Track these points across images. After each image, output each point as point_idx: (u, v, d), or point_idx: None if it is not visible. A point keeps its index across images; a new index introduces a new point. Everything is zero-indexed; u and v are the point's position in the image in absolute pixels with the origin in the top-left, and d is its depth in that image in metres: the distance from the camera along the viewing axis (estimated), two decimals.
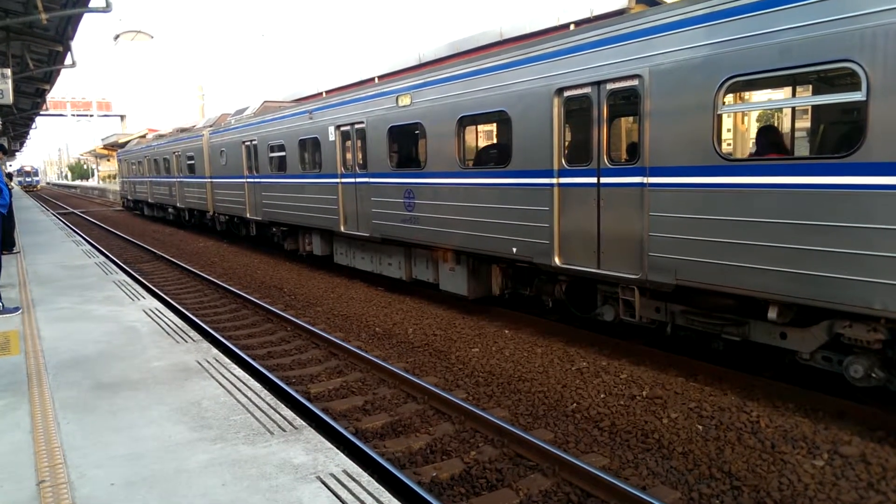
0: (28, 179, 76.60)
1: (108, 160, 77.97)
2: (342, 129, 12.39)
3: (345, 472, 3.69)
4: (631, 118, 9.05)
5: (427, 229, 10.13)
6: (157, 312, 7.91)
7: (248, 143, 17.03)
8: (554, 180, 7.78)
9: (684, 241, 6.37)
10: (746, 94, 7.91)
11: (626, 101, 7.67)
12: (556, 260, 7.87)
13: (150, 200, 29.89)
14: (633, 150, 7.38)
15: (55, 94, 51.23)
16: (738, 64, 5.77)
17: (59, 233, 18.67)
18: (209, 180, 20.65)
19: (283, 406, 4.79)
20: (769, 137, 6.99)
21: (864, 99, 5.01)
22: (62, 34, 14.81)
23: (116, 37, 22.86)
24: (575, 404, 6.48)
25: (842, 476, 4.89)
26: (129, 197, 36.03)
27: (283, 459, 3.85)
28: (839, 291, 5.26)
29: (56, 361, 5.92)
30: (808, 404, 6.09)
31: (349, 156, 12.42)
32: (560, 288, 8.53)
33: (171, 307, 10.85)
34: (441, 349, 8.49)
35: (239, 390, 5.09)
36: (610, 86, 7.04)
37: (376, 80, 17.26)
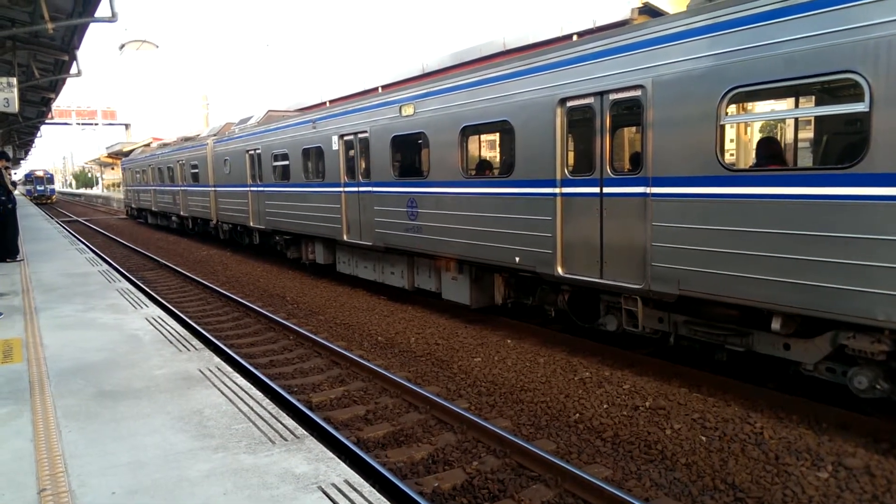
0: (40, 188, 57.57)
1: (113, 168, 78.15)
2: (345, 138, 12.43)
3: (346, 481, 3.67)
4: (634, 128, 9.06)
5: (430, 238, 10.13)
6: (159, 321, 7.91)
7: (252, 152, 17.10)
8: (557, 190, 7.79)
9: (687, 251, 6.36)
10: (749, 105, 7.93)
11: (629, 112, 7.68)
12: (559, 269, 7.86)
13: (153, 209, 29.98)
14: (636, 160, 7.39)
15: (60, 103, 51.43)
16: (740, 75, 5.78)
17: (62, 241, 18.71)
18: (213, 189, 20.71)
19: (284, 415, 4.78)
20: (772, 148, 6.99)
21: (867, 110, 5.01)
22: (68, 43, 14.90)
23: (122, 46, 23.04)
24: (578, 415, 6.46)
25: (846, 488, 4.86)
26: (133, 205, 36.14)
27: (284, 469, 3.84)
28: (842, 302, 5.25)
29: (58, 369, 5.92)
30: (812, 415, 6.06)
31: (353, 165, 12.46)
32: (563, 297, 8.52)
33: (174, 315, 10.86)
34: (443, 359, 8.47)
35: (241, 399, 5.08)
36: (613, 96, 7.06)
37: (380, 89, 17.34)
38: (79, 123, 65.12)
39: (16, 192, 14.61)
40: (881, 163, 4.95)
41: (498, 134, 11.67)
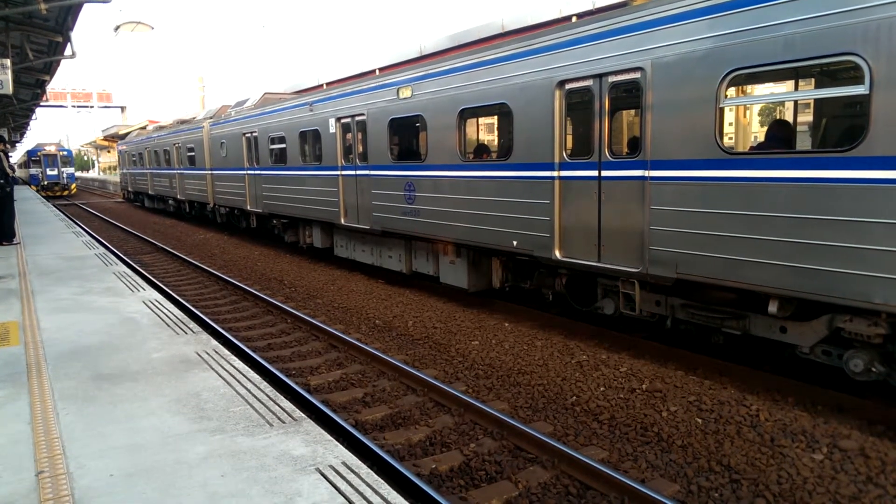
0: (52, 174, 43.65)
1: (109, 151, 77.68)
2: (343, 121, 12.36)
3: (344, 463, 3.68)
4: (632, 111, 9.02)
5: (427, 222, 10.11)
6: (156, 304, 7.90)
7: (249, 135, 17.00)
8: (555, 173, 7.76)
9: (685, 234, 6.36)
10: (749, 88, 7.87)
11: (628, 94, 7.64)
12: (557, 253, 7.85)
13: (150, 192, 29.87)
14: (635, 143, 7.36)
15: (55, 85, 50.81)
16: (740, 57, 5.74)
17: (59, 224, 18.65)
18: (209, 172, 20.62)
19: (282, 398, 4.78)
20: (771, 131, 6.96)
21: (867, 93, 4.98)
22: (62, 25, 14.74)
23: (117, 28, 22.77)
24: (574, 397, 6.49)
25: (841, 470, 4.90)
26: (129, 188, 36.00)
27: (282, 451, 3.85)
28: (840, 285, 5.25)
29: (56, 352, 5.92)
30: (808, 398, 6.09)
31: (350, 148, 12.40)
32: (560, 281, 8.52)
33: (171, 299, 10.85)
34: (441, 342, 8.49)
35: (238, 382, 5.09)
36: (611, 78, 7.01)
37: (377, 72, 17.22)
38: (74, 106, 64.43)
39: (15, 174, 14.50)
40: (880, 146, 4.93)
41: (496, 117, 11.61)
